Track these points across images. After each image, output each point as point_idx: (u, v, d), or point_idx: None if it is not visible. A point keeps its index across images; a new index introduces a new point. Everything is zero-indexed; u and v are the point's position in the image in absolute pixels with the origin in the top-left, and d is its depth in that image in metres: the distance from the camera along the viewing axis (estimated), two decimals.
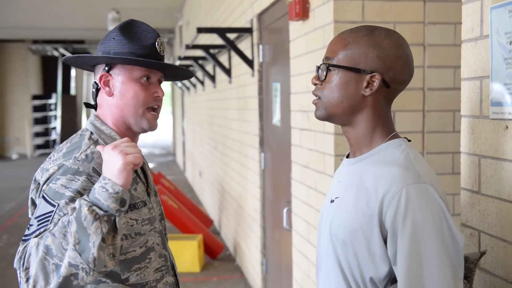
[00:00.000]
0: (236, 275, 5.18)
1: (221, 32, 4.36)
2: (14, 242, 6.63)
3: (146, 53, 1.47)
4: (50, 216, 1.33)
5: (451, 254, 1.11)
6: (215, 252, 5.70)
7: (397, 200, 1.12)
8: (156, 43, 1.49)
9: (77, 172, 1.36)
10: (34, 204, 1.46)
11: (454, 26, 2.46)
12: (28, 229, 1.35)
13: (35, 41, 16.71)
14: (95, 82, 1.51)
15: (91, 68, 1.58)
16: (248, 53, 4.31)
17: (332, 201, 1.29)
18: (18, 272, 1.32)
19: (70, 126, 21.24)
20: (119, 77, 1.48)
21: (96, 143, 1.46)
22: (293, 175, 3.12)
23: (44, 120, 17.62)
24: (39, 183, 1.42)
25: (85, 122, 21.70)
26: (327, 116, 1.26)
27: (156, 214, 1.57)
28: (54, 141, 18.42)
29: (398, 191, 1.12)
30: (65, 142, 1.51)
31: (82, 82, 24.68)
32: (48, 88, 19.03)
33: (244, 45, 4.46)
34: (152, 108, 1.51)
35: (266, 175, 4.07)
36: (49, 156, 1.47)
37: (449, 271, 1.11)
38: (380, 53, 1.21)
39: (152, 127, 1.52)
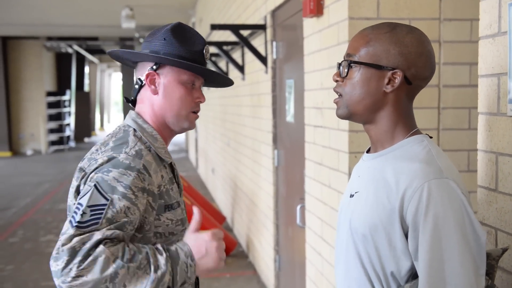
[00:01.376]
0: (249, 272, 5.20)
1: (235, 28, 4.36)
2: (30, 237, 6.70)
3: (193, 58, 1.50)
4: (103, 209, 1.31)
5: (473, 250, 1.11)
6: (227, 248, 5.71)
7: (418, 195, 1.12)
8: (204, 50, 1.52)
9: (129, 167, 1.37)
10: (78, 192, 1.43)
11: (470, 23, 2.43)
12: (77, 213, 1.30)
13: (50, 38, 16.86)
14: (139, 79, 1.53)
15: (133, 64, 1.59)
16: (261, 50, 4.31)
17: (351, 195, 1.29)
18: (61, 256, 1.24)
19: (84, 123, 21.44)
20: (166, 78, 1.50)
21: (140, 140, 1.47)
22: (307, 172, 3.12)
23: (58, 117, 17.78)
24: (85, 172, 1.42)
25: (98, 119, 21.71)
26: (349, 115, 1.26)
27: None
28: (68, 137, 18.57)
29: (419, 186, 1.12)
30: (108, 136, 1.51)
31: (96, 79, 24.88)
32: (62, 85, 19.22)
33: (258, 42, 4.46)
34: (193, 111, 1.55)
35: (280, 172, 4.07)
36: (96, 148, 1.47)
37: (471, 267, 1.10)
38: (402, 49, 1.20)
39: (192, 127, 1.56)
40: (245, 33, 4.58)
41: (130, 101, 1.59)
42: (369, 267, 1.20)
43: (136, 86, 1.54)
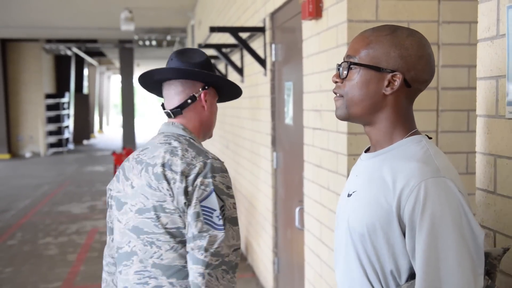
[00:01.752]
0: (248, 274, 5.19)
1: (234, 31, 4.36)
2: (28, 240, 6.69)
3: None
4: (224, 210, 1.59)
5: (470, 249, 1.11)
6: None
7: (415, 194, 1.12)
8: None
9: (222, 169, 1.64)
10: (186, 193, 1.59)
11: (468, 25, 2.44)
12: (212, 216, 1.58)
13: (49, 41, 16.87)
14: (193, 95, 1.76)
15: (157, 83, 1.81)
16: (260, 52, 4.31)
17: (349, 195, 1.29)
18: (218, 254, 1.55)
19: (83, 125, 21.43)
20: (211, 97, 1.80)
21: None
22: (306, 175, 3.12)
23: (57, 119, 17.77)
24: (186, 176, 1.60)
25: (97, 121, 21.97)
26: (348, 116, 1.27)
27: None
28: (67, 139, 18.55)
29: (416, 185, 1.12)
30: (176, 144, 1.69)
31: (95, 81, 24.87)
32: (61, 87, 19.22)
33: (257, 44, 4.46)
34: None
35: (278, 174, 4.07)
36: (180, 153, 1.65)
37: (468, 266, 1.10)
38: (402, 52, 1.21)
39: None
40: (244, 35, 4.59)
41: (172, 113, 1.78)
42: (368, 266, 1.20)
43: (189, 101, 1.76)
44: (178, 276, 1.60)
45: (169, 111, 1.76)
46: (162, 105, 1.82)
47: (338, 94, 1.28)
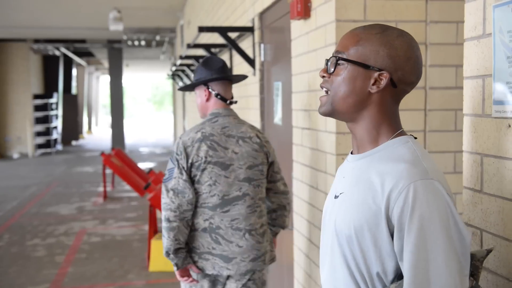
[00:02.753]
0: None
1: (223, 31, 4.35)
2: (16, 241, 6.63)
3: None
4: None
5: (458, 250, 1.11)
6: None
7: (404, 196, 1.12)
8: None
9: None
10: (271, 153, 2.68)
11: (456, 25, 2.45)
12: (280, 173, 2.72)
13: (37, 40, 16.71)
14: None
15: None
16: (249, 52, 4.30)
17: (336, 196, 1.28)
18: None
19: (71, 126, 21.27)
20: None
21: None
22: (295, 174, 3.12)
23: (45, 120, 17.62)
24: (267, 142, 2.67)
25: (86, 122, 21.98)
26: (331, 111, 1.27)
27: None
28: (55, 140, 18.41)
29: (405, 187, 1.12)
30: (248, 123, 2.66)
31: (84, 81, 24.73)
32: (49, 88, 19.05)
33: (246, 44, 4.46)
34: None
35: None
36: (257, 135, 2.63)
37: (455, 267, 1.10)
38: (390, 52, 1.21)
39: None
40: (233, 35, 4.58)
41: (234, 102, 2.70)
42: (354, 268, 1.20)
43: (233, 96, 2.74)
44: (264, 200, 2.68)
45: (233, 100, 2.67)
46: (218, 94, 2.60)
47: (324, 89, 1.28)
